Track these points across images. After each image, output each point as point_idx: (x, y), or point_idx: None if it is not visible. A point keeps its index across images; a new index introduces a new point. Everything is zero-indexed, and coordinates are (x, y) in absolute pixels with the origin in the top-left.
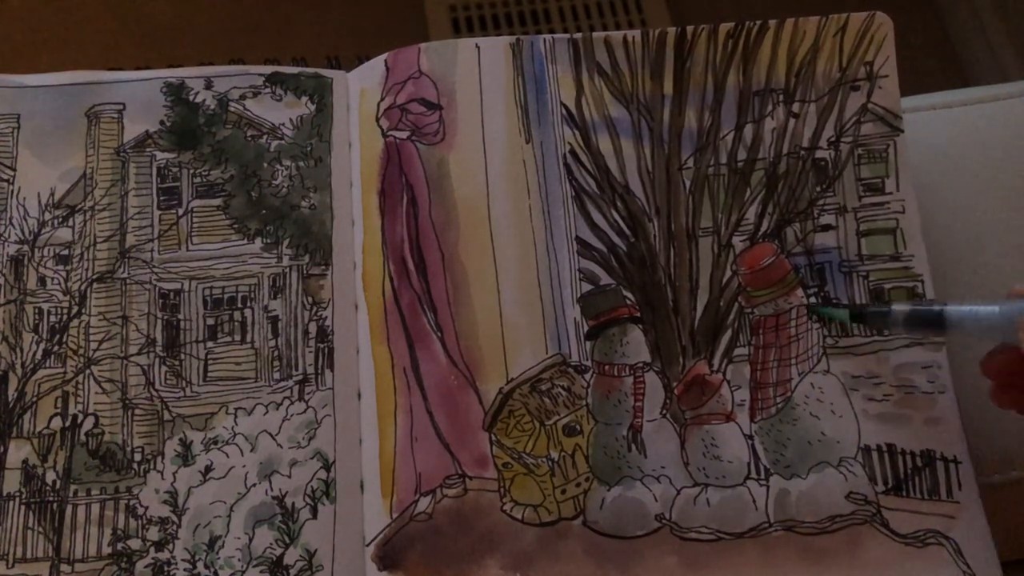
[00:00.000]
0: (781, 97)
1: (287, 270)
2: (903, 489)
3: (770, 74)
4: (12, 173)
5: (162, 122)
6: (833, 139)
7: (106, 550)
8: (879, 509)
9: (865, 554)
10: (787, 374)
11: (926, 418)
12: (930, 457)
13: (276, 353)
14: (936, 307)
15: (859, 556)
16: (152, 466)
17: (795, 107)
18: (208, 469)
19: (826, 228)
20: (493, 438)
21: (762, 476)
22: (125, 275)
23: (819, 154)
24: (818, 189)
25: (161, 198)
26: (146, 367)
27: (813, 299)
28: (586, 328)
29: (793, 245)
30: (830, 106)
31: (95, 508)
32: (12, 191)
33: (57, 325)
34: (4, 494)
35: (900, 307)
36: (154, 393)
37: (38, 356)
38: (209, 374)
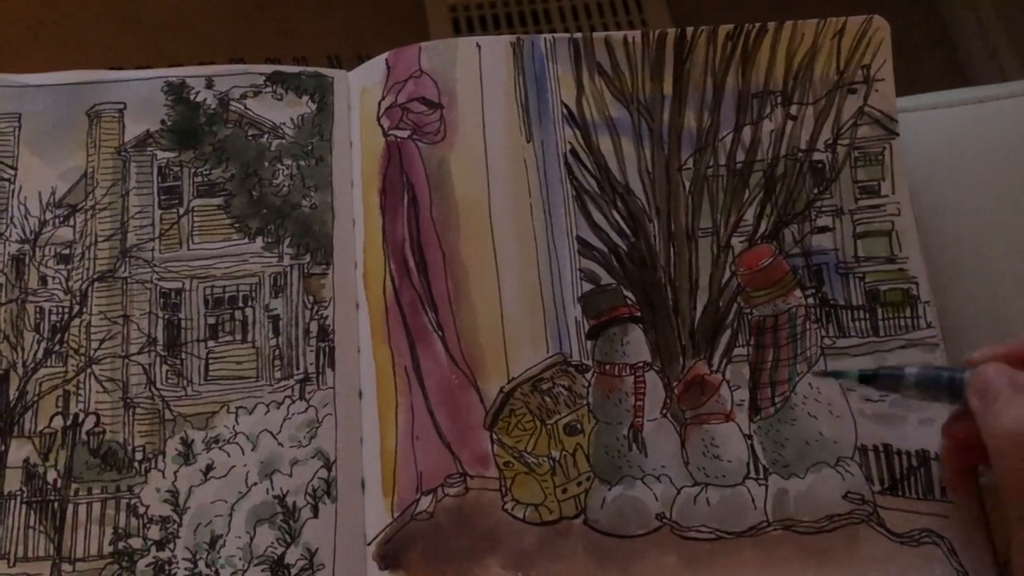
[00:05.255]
0: (779, 99)
1: (288, 269)
2: (899, 489)
3: (768, 76)
4: (13, 172)
5: (163, 121)
6: (830, 141)
7: (107, 549)
8: (875, 508)
9: (862, 553)
10: (785, 374)
11: (921, 419)
12: (925, 457)
13: (277, 352)
14: (950, 373)
15: (856, 555)
16: (153, 465)
17: (793, 109)
18: (209, 468)
19: (823, 230)
20: (494, 437)
21: (761, 476)
22: (126, 274)
23: (816, 156)
24: (815, 191)
25: (162, 197)
26: (147, 366)
27: (811, 300)
28: (587, 327)
29: (791, 246)
30: (827, 109)
31: (96, 507)
32: (13, 190)
33: (58, 324)
34: (5, 493)
35: (912, 370)
36: (155, 392)
37: (39, 355)
38: (210, 373)
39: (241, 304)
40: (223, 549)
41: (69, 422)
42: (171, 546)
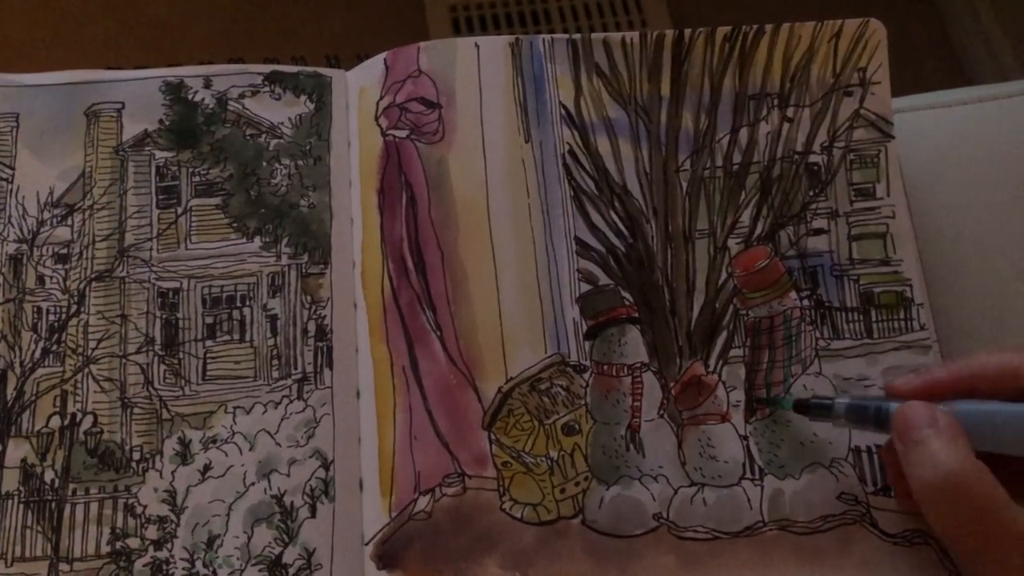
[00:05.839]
0: (776, 101)
1: (286, 269)
2: (891, 490)
3: (765, 78)
4: (11, 172)
5: (161, 121)
6: (826, 144)
7: (105, 549)
8: (869, 509)
9: (855, 553)
10: (780, 376)
11: None
12: None
13: (275, 352)
14: (877, 404)
15: (850, 555)
16: (151, 465)
17: (789, 111)
18: (207, 468)
19: (818, 232)
20: (492, 437)
21: (757, 476)
22: (124, 274)
23: (812, 158)
24: (811, 193)
25: (160, 197)
26: (145, 366)
27: (806, 301)
28: (585, 328)
29: (787, 248)
30: (823, 111)
31: (94, 507)
32: (11, 190)
33: (56, 324)
34: (3, 493)
35: (842, 400)
36: (153, 392)
37: (37, 355)
38: (208, 373)
39: (239, 304)
40: (221, 549)
41: (67, 422)
42: (168, 546)
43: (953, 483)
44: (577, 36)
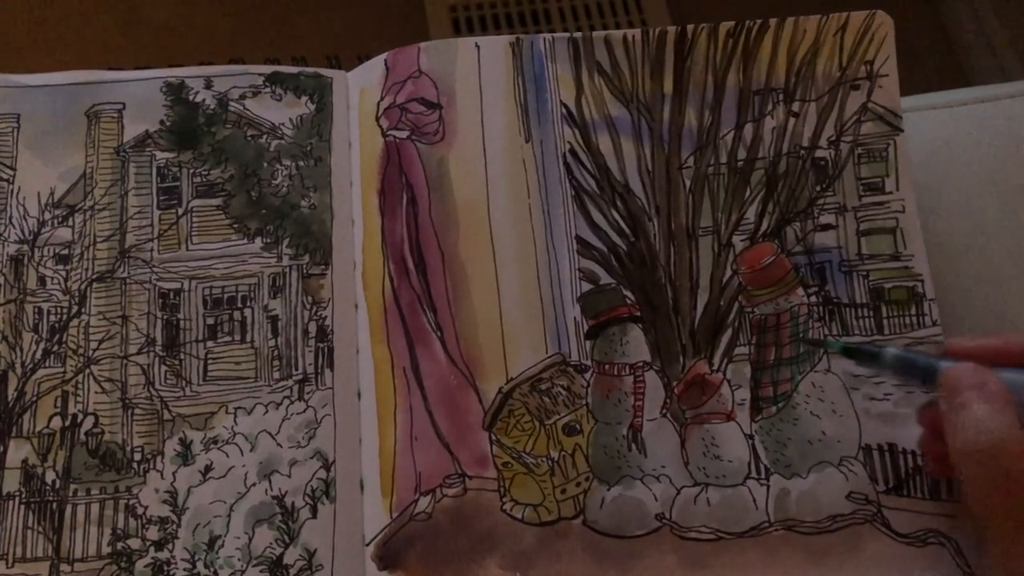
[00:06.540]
0: (781, 96)
1: (287, 270)
2: (904, 489)
3: (770, 73)
4: (12, 173)
5: (162, 122)
6: (833, 138)
7: (106, 550)
8: (880, 508)
9: (866, 554)
10: (787, 373)
11: None
12: None
13: (276, 353)
14: (927, 359)
15: (860, 556)
16: (152, 466)
17: (795, 106)
18: (208, 469)
19: (826, 227)
20: (493, 437)
21: (762, 475)
22: (125, 275)
23: (819, 153)
24: (818, 188)
25: (161, 198)
26: (146, 367)
27: (813, 298)
28: (586, 327)
29: (793, 244)
30: (830, 105)
31: (95, 508)
32: (12, 191)
33: (57, 325)
34: (4, 494)
35: (892, 351)
36: (154, 393)
37: (38, 356)
38: (209, 374)
39: (240, 304)
40: (222, 550)
41: (68, 423)
42: (170, 547)
43: (996, 450)
44: (578, 35)
